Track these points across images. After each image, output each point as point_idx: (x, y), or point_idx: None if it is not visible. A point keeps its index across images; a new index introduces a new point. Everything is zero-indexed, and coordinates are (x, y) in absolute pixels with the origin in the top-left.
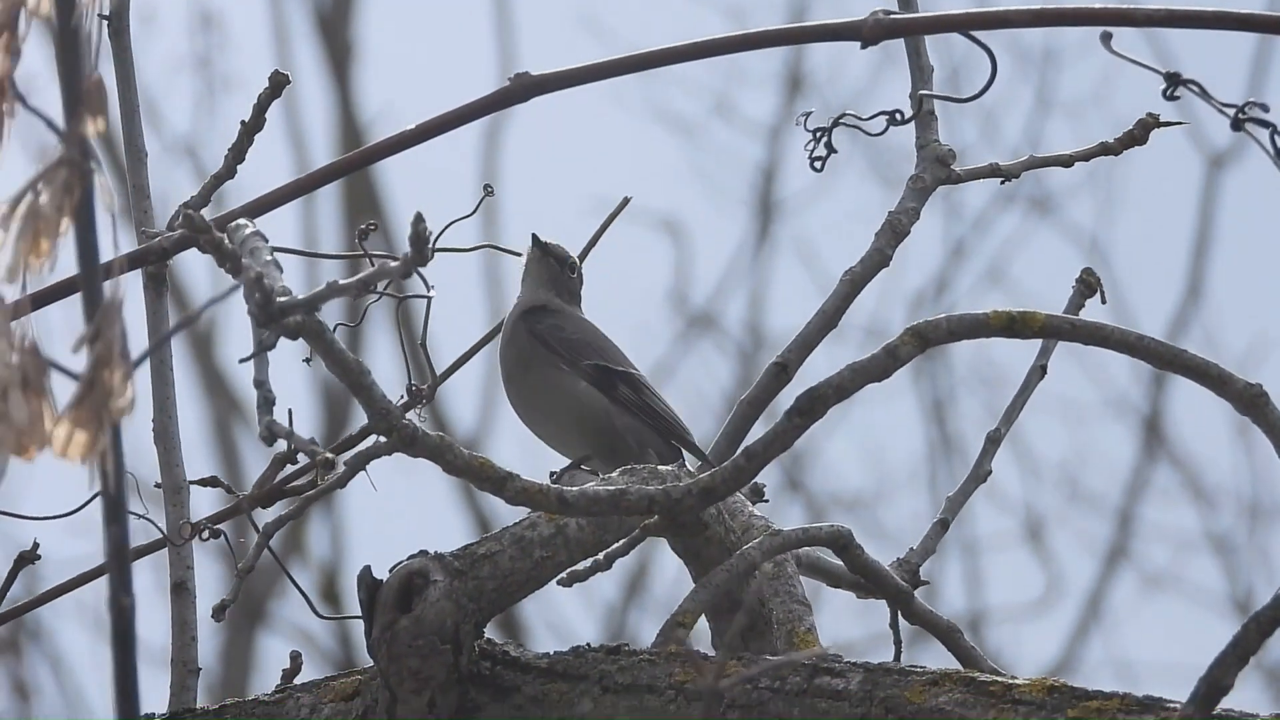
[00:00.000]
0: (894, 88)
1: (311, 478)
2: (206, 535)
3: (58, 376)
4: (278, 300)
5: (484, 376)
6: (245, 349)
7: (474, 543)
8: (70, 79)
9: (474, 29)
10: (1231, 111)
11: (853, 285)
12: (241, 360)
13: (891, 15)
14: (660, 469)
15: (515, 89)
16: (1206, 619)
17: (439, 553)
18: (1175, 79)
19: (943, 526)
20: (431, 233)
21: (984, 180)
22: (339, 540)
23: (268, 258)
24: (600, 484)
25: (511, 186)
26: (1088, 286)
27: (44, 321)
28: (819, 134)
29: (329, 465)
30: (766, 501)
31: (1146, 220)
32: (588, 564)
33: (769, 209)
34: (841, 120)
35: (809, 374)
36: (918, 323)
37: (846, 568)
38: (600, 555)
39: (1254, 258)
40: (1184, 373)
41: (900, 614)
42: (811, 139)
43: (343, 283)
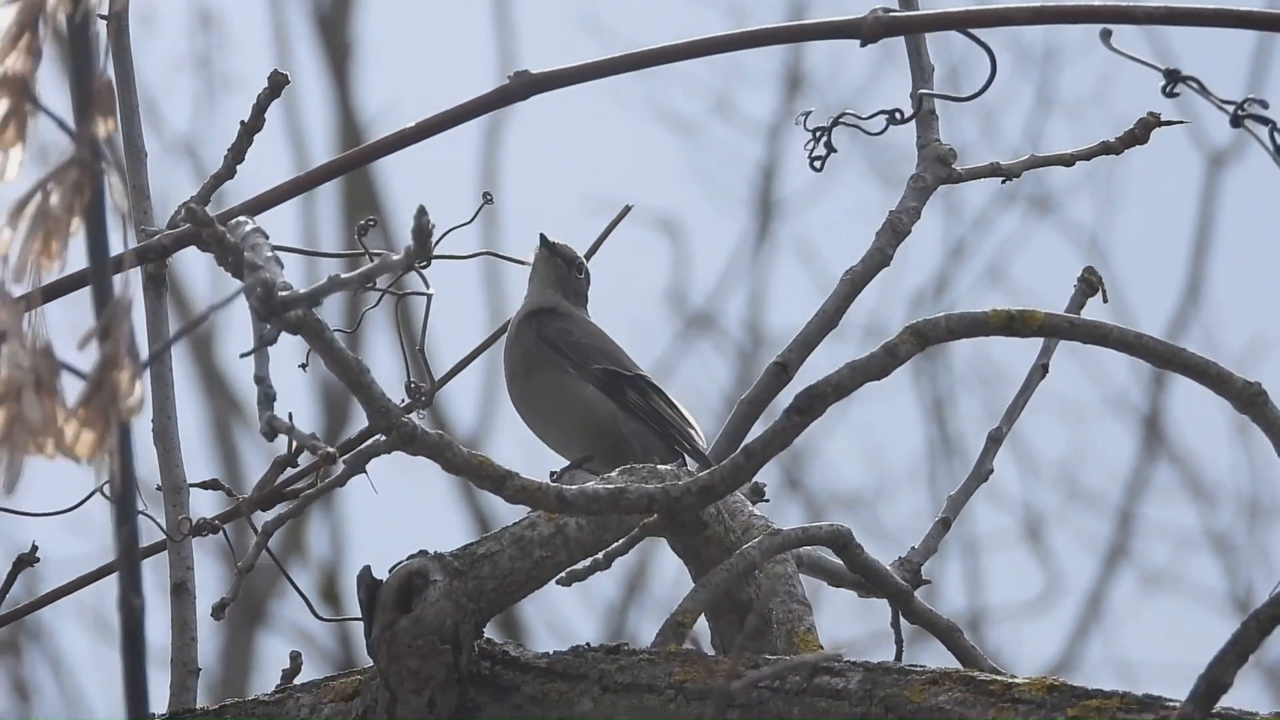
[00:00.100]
0: (894, 86)
1: (312, 479)
2: (206, 532)
3: (65, 376)
4: (279, 294)
5: (484, 377)
6: (245, 348)
7: (473, 543)
8: (81, 79)
9: (474, 30)
10: (1231, 108)
11: (853, 285)
12: (242, 355)
13: (891, 13)
14: (660, 468)
15: (515, 87)
16: (1206, 617)
17: (438, 553)
18: (1175, 76)
19: (944, 526)
20: (434, 225)
21: (984, 179)
22: (339, 540)
23: (268, 254)
24: (599, 483)
25: (511, 186)
26: (1089, 285)
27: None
28: (819, 133)
29: (330, 459)
30: (767, 501)
31: (1146, 219)
32: (587, 563)
33: (769, 208)
34: (841, 119)
35: (809, 374)
36: (917, 321)
37: (846, 567)
38: (599, 554)
39: (1254, 257)
40: (1183, 371)
41: (900, 613)
42: (811, 138)
43: (345, 276)
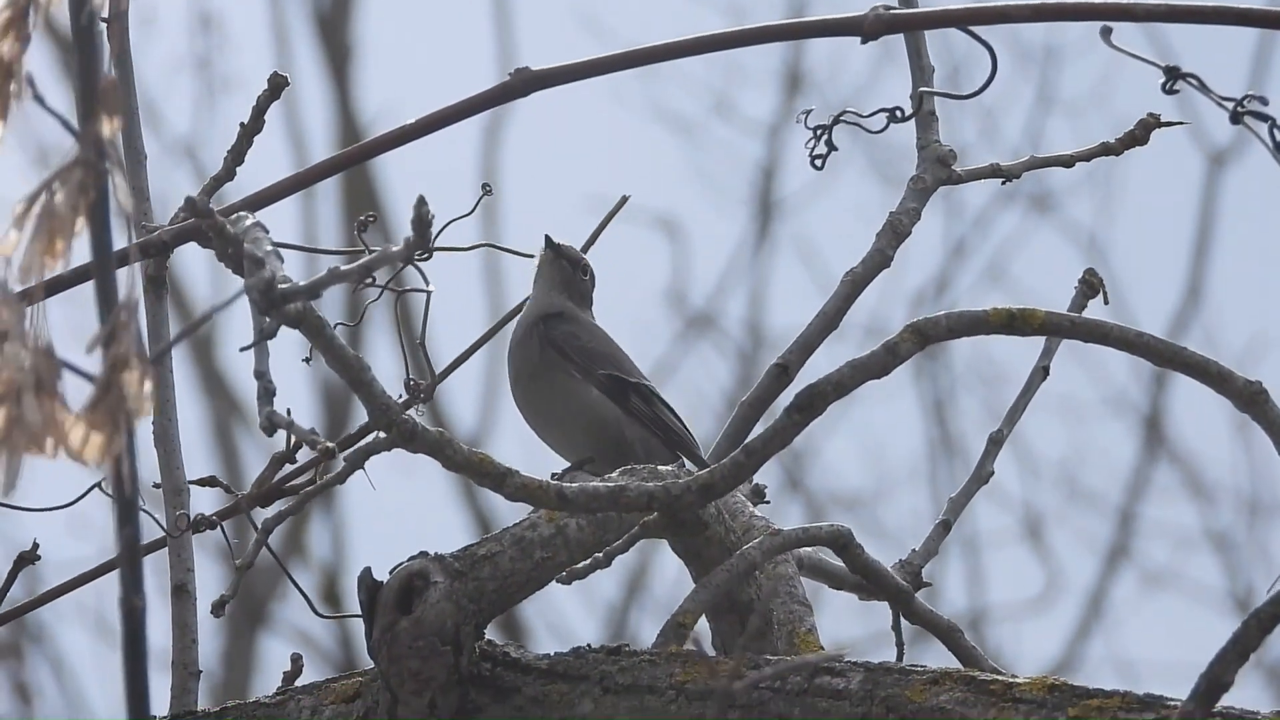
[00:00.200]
0: (894, 85)
1: (311, 476)
2: (205, 528)
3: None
4: (279, 287)
5: (485, 375)
6: (245, 345)
7: (474, 544)
8: (86, 79)
9: (474, 31)
10: (1230, 105)
11: (854, 286)
12: (242, 349)
13: (891, 10)
14: (660, 468)
15: (516, 84)
16: (1207, 616)
17: (439, 554)
18: (1175, 73)
19: (945, 528)
20: (433, 216)
21: (984, 180)
22: (339, 541)
23: (269, 247)
24: (600, 482)
25: (511, 184)
26: (1090, 287)
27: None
28: (819, 131)
29: (330, 455)
30: (768, 503)
31: (1147, 219)
32: (587, 562)
33: (769, 208)
34: (842, 118)
35: (810, 375)
36: (917, 320)
37: (846, 567)
38: (599, 553)
39: (1254, 256)
40: (1184, 370)
41: (901, 614)
42: (812, 137)
43: (345, 269)
